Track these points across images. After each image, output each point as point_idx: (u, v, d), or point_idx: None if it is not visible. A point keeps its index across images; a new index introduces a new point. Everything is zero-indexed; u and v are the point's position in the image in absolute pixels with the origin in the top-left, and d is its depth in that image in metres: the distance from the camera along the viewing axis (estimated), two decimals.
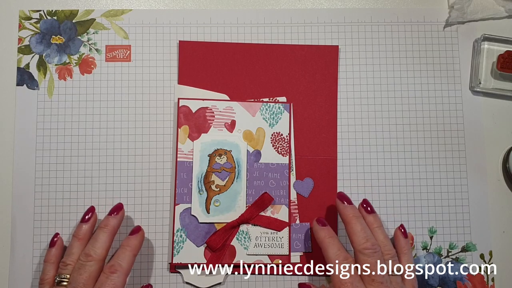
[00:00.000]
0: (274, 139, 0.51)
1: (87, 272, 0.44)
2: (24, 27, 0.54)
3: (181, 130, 0.51)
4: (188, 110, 0.51)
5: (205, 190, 0.50)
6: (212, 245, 0.49)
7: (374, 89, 0.55)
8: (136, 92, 0.54)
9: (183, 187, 0.50)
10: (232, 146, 0.50)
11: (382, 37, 0.55)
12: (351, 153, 0.54)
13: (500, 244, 0.53)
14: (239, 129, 0.51)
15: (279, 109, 0.51)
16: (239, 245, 0.49)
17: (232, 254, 0.49)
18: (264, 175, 0.50)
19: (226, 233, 0.49)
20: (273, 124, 0.51)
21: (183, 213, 0.50)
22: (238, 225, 0.49)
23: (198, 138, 0.51)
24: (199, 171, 0.50)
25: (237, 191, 0.50)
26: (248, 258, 0.49)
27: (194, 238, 0.49)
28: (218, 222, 0.49)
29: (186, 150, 0.50)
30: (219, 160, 0.50)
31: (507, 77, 0.55)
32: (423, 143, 0.54)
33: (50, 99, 0.53)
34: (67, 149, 0.53)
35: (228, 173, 0.50)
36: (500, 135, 0.55)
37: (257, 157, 0.51)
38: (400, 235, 0.48)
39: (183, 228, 0.49)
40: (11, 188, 0.52)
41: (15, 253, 0.51)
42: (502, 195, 0.54)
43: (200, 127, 0.51)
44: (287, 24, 0.55)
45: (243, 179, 0.50)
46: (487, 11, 0.55)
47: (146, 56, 0.54)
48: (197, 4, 0.56)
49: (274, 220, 0.50)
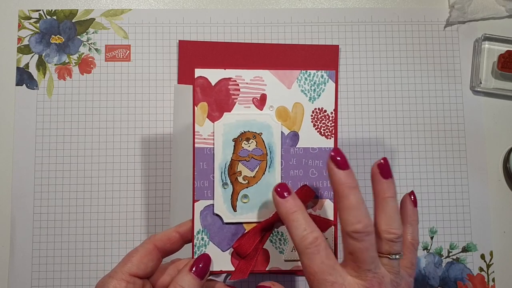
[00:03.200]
0: (316, 117, 0.41)
1: None
2: (24, 26, 0.54)
3: (198, 109, 0.40)
4: (207, 82, 0.40)
5: (230, 183, 0.40)
6: (241, 250, 0.39)
7: (375, 89, 0.54)
8: (135, 92, 0.54)
9: (203, 179, 0.40)
10: (263, 127, 0.40)
11: (382, 36, 0.55)
12: (351, 153, 0.54)
13: (501, 244, 0.53)
14: (271, 106, 0.41)
15: (322, 78, 0.41)
16: (274, 249, 0.40)
17: (266, 260, 0.40)
18: (303, 163, 0.41)
19: (257, 235, 0.40)
20: (314, 97, 0.41)
21: (204, 211, 0.40)
22: (272, 225, 0.40)
23: (220, 119, 0.40)
24: (222, 159, 0.40)
25: (270, 184, 0.40)
26: (285, 264, 0.40)
27: (218, 242, 0.40)
28: (247, 222, 0.40)
29: (205, 134, 0.40)
30: (247, 145, 0.40)
31: (507, 77, 0.55)
32: (424, 143, 0.54)
33: (50, 99, 0.53)
34: (67, 149, 0.53)
35: (258, 161, 0.41)
36: (501, 135, 0.55)
37: (294, 140, 0.41)
38: (409, 202, 0.39)
39: (204, 230, 0.40)
40: (11, 188, 0.52)
41: (15, 253, 0.51)
42: (503, 195, 0.54)
43: (222, 104, 0.40)
44: (287, 23, 0.55)
45: (277, 168, 0.40)
46: (488, 10, 0.55)
47: (145, 56, 0.54)
48: (197, 4, 0.56)
49: (316, 218, 0.40)
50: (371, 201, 0.37)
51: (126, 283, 0.35)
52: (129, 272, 0.36)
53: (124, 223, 0.51)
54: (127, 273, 0.35)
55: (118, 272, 0.36)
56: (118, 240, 0.51)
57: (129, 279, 0.35)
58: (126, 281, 0.35)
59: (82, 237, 0.52)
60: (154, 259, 0.37)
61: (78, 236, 0.52)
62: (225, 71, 0.40)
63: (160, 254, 0.38)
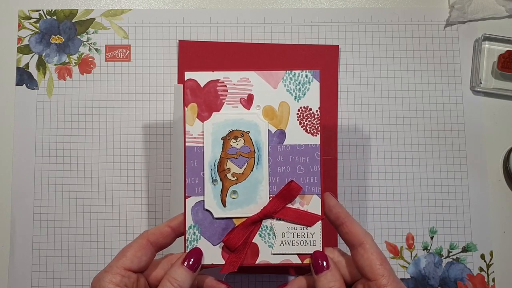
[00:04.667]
0: (302, 115, 0.42)
1: None
2: (24, 26, 0.54)
3: (188, 109, 0.42)
4: (196, 84, 0.42)
5: (219, 180, 0.42)
6: (230, 244, 0.41)
7: (375, 88, 0.54)
8: (135, 92, 0.54)
9: (193, 176, 0.42)
10: (250, 126, 0.42)
11: (382, 36, 0.55)
12: (351, 153, 0.54)
13: (501, 244, 0.53)
14: (258, 105, 0.42)
15: (307, 78, 0.42)
16: (263, 243, 0.42)
17: (255, 254, 0.42)
18: (290, 160, 0.42)
19: (246, 230, 0.42)
20: (299, 96, 0.42)
21: (195, 207, 0.42)
22: (260, 220, 0.42)
23: (209, 118, 0.42)
24: (211, 157, 0.42)
25: (258, 180, 0.42)
26: (274, 258, 0.42)
27: (209, 236, 0.42)
28: (236, 217, 0.42)
29: (195, 133, 0.42)
30: (235, 143, 0.42)
31: (507, 77, 0.55)
32: (424, 143, 0.54)
33: (50, 99, 0.53)
34: (67, 149, 0.53)
35: (246, 158, 0.42)
36: (501, 135, 0.55)
37: (281, 138, 0.42)
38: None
39: (196, 225, 0.42)
40: (10, 188, 0.52)
41: (15, 253, 0.51)
42: (503, 195, 0.54)
43: (211, 104, 0.42)
44: (287, 23, 0.55)
45: (265, 165, 0.42)
46: (488, 10, 0.55)
47: (145, 56, 0.54)
48: (197, 4, 0.56)
49: (303, 213, 0.42)
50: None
51: (121, 277, 0.36)
52: (123, 266, 0.36)
53: (124, 223, 0.51)
54: (122, 267, 0.36)
55: (113, 267, 0.36)
56: (118, 240, 0.51)
57: (124, 273, 0.36)
58: (121, 275, 0.36)
59: (82, 237, 0.52)
60: (148, 253, 0.38)
61: (78, 236, 0.52)
62: (213, 73, 0.42)
63: (154, 248, 0.39)
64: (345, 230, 0.39)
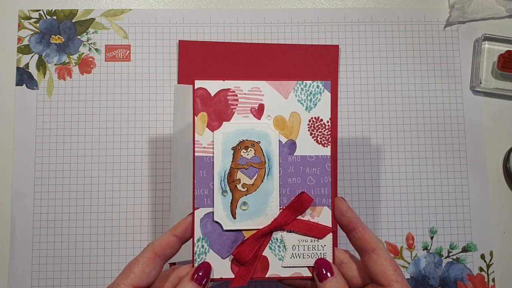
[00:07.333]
0: (312, 126, 0.42)
1: None
2: (24, 26, 0.54)
3: (198, 119, 0.41)
4: (206, 93, 0.41)
5: (229, 191, 0.41)
6: (241, 257, 0.40)
7: (375, 88, 0.55)
8: (135, 92, 0.54)
9: (203, 187, 0.41)
10: (261, 136, 0.42)
11: (382, 36, 0.55)
12: (351, 153, 0.54)
13: (501, 244, 0.53)
14: (269, 115, 0.42)
15: (318, 88, 0.42)
16: (273, 256, 0.41)
17: (265, 267, 0.41)
18: (300, 171, 0.42)
19: (256, 242, 0.41)
20: (310, 107, 0.42)
21: (204, 219, 0.41)
22: (270, 232, 0.41)
23: (219, 128, 0.41)
24: (221, 167, 0.41)
25: (269, 191, 0.41)
26: (284, 271, 0.41)
27: (218, 249, 0.41)
28: (246, 229, 0.41)
29: (205, 143, 0.41)
30: (245, 154, 0.42)
31: (507, 77, 0.55)
32: (424, 143, 0.54)
33: (50, 99, 0.53)
34: (67, 149, 0.53)
35: (256, 169, 0.41)
36: (501, 135, 0.55)
37: (292, 148, 0.42)
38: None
39: (205, 237, 0.41)
40: (10, 188, 0.52)
41: (15, 253, 0.51)
42: (503, 195, 0.54)
43: (221, 114, 0.41)
44: (287, 23, 0.55)
45: (275, 176, 0.41)
46: (488, 10, 0.55)
47: (145, 56, 0.54)
48: (197, 4, 0.56)
49: (314, 225, 0.41)
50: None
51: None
52: (132, 284, 0.36)
53: (124, 223, 0.51)
54: (131, 285, 0.36)
55: (121, 285, 0.36)
56: (118, 240, 0.51)
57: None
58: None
59: (82, 237, 0.52)
60: (156, 267, 0.37)
61: (78, 236, 0.52)
62: (224, 82, 0.41)
63: (161, 260, 0.38)
64: (357, 235, 0.38)
